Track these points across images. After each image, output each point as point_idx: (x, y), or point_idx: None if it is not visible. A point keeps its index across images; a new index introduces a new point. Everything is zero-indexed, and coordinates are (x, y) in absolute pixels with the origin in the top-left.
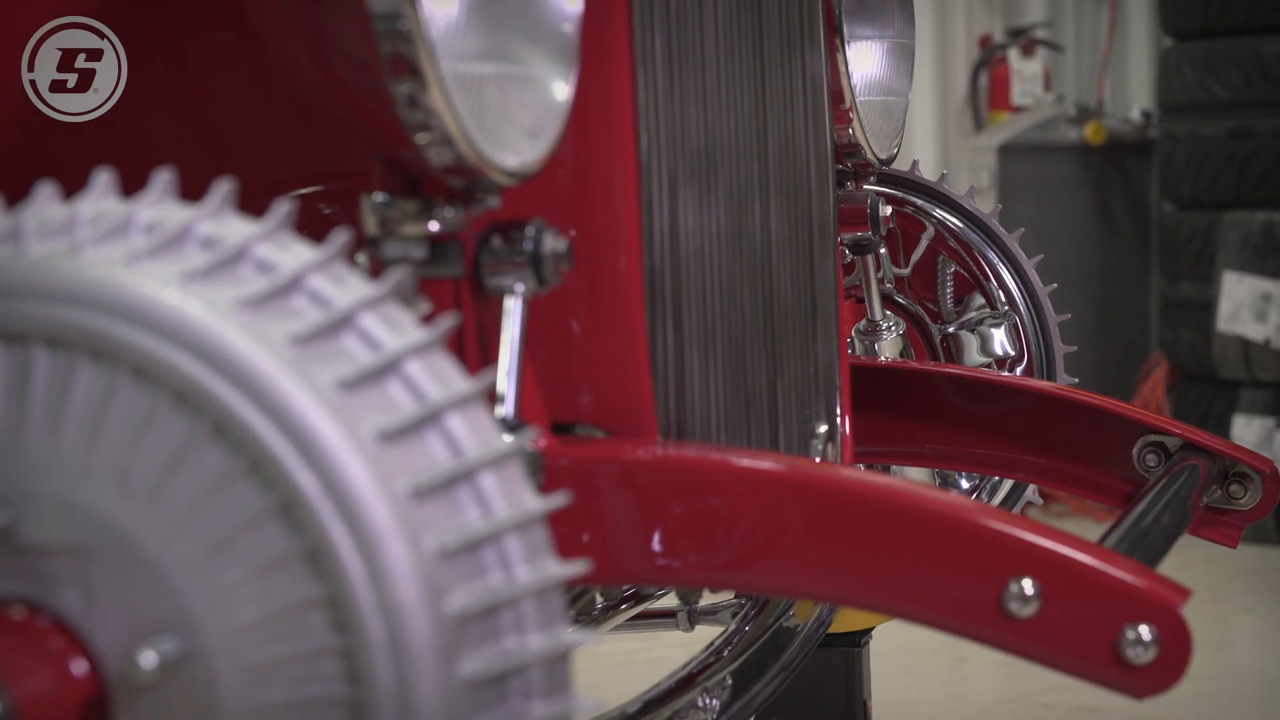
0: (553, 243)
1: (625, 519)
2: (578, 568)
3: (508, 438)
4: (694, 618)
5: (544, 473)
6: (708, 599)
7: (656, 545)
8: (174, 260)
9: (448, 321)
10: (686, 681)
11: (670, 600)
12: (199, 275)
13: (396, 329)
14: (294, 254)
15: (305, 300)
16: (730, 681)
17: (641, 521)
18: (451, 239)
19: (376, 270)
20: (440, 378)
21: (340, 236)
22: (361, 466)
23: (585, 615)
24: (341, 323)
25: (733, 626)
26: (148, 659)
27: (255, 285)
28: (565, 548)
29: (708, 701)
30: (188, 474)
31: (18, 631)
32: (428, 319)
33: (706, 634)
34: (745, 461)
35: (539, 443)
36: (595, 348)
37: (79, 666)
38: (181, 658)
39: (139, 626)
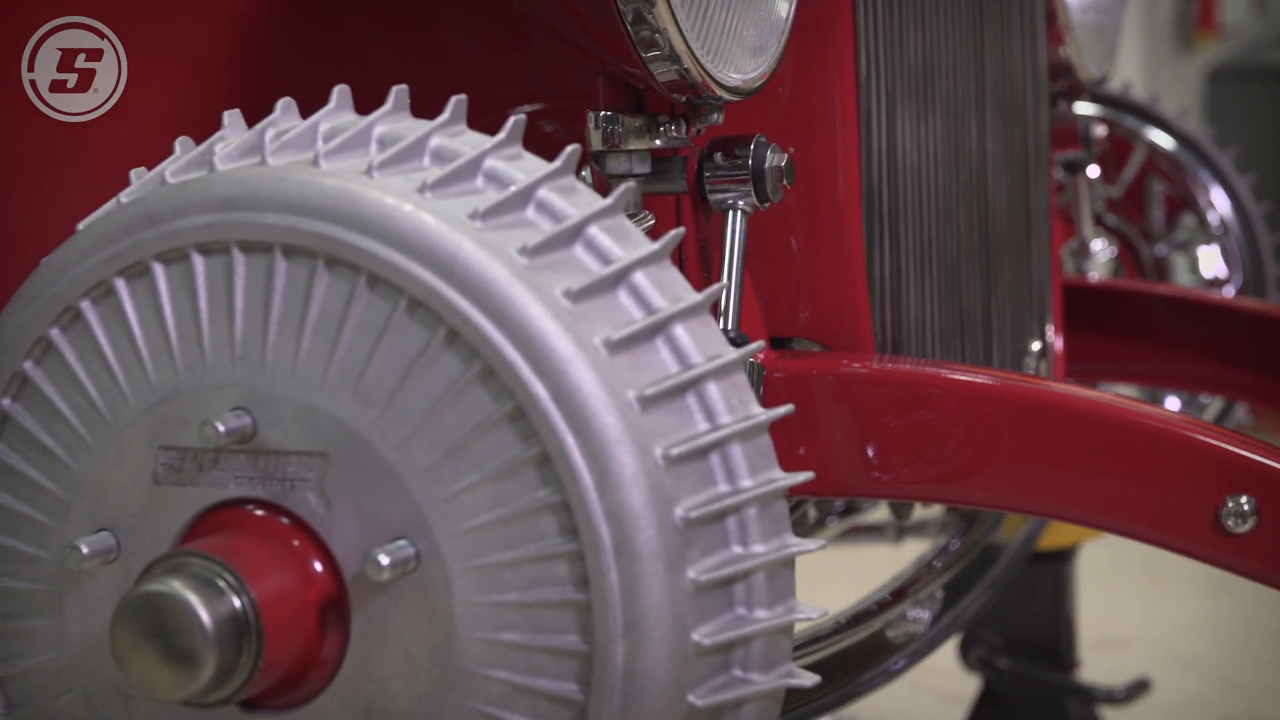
0: (774, 159)
1: (841, 432)
2: (802, 477)
3: (732, 350)
4: (903, 532)
5: (763, 386)
6: (917, 514)
7: (871, 458)
8: (409, 172)
9: (675, 233)
10: (898, 594)
11: (878, 514)
12: (433, 187)
13: (625, 241)
14: (525, 167)
15: (536, 212)
16: (940, 595)
17: (857, 435)
18: (674, 155)
19: (600, 185)
20: (667, 289)
21: (571, 150)
22: (591, 375)
23: (798, 528)
24: (572, 234)
25: (942, 542)
26: (383, 560)
27: (488, 197)
28: (782, 460)
29: (917, 614)
30: (422, 381)
31: (259, 532)
32: (652, 233)
33: (909, 551)
34: (959, 376)
35: (759, 356)
36: (813, 263)
37: (317, 566)
38: (415, 560)
39: (375, 529)
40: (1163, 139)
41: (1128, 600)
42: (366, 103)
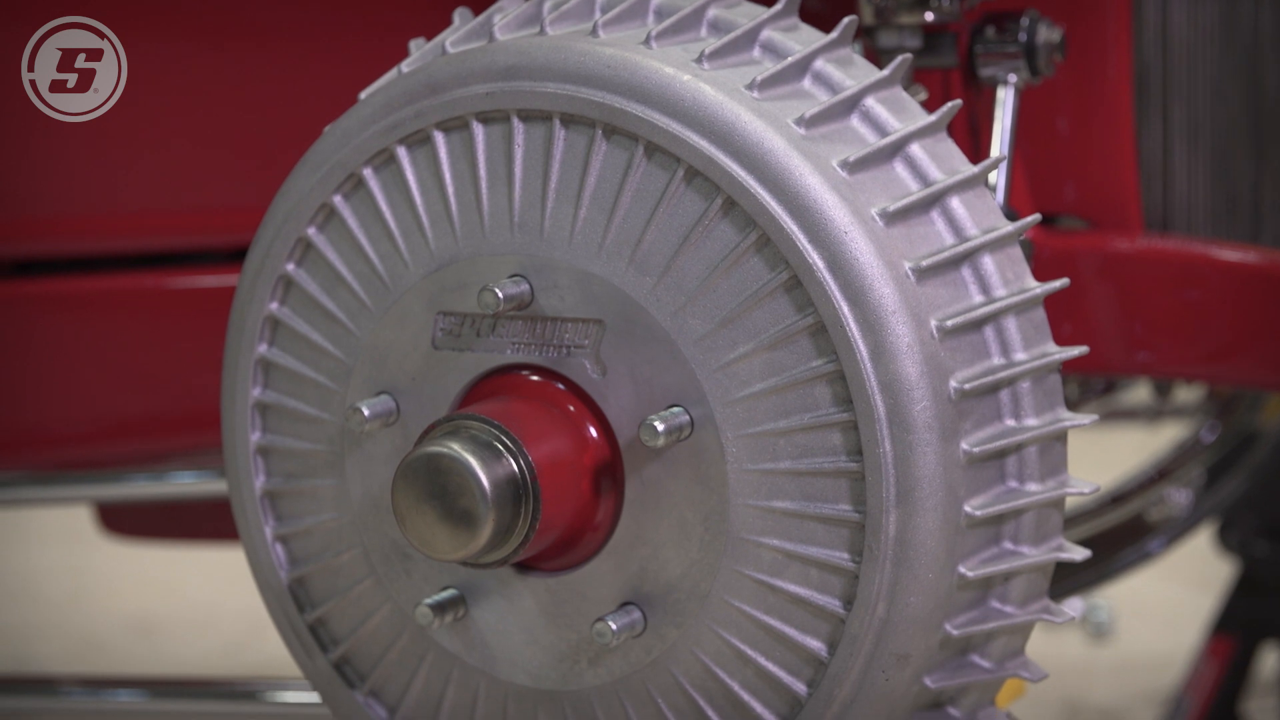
0: (1048, 33)
1: (1107, 310)
2: (1076, 351)
3: (1007, 223)
4: (1159, 414)
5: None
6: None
7: (1137, 336)
8: (686, 43)
9: (952, 105)
10: (1161, 474)
11: (1134, 397)
12: (710, 57)
13: (902, 113)
14: (802, 38)
15: (813, 83)
16: (1200, 478)
17: (1123, 313)
18: (945, 29)
19: (871, 60)
20: (944, 161)
21: (848, 21)
22: (868, 246)
23: None
24: (849, 105)
25: (1201, 424)
26: (658, 427)
27: (765, 68)
28: None
29: (1178, 496)
30: (698, 250)
31: (535, 397)
32: (925, 107)
33: (1162, 437)
34: (1228, 255)
35: (1028, 232)
36: (1082, 141)
37: (592, 432)
38: (690, 426)
39: (649, 395)
40: None
41: None
42: None
